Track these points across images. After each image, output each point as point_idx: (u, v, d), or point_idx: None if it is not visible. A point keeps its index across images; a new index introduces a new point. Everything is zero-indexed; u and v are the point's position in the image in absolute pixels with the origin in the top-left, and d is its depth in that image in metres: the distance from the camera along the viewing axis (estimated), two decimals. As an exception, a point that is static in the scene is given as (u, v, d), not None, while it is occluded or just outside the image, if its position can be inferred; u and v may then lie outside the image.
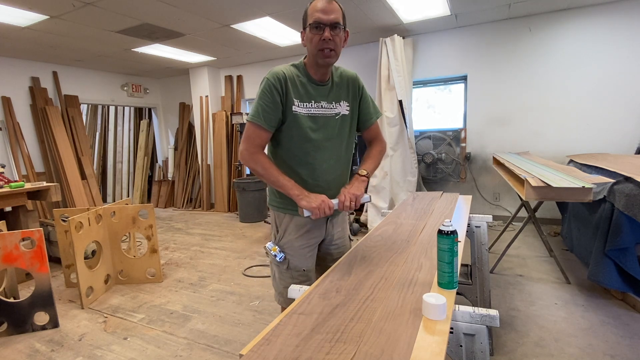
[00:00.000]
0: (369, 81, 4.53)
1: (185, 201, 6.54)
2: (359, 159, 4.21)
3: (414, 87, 4.63)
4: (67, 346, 2.17)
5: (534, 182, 2.14)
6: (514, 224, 4.10)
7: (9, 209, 3.30)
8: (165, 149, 6.96)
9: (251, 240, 4.30)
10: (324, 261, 1.53)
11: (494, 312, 0.90)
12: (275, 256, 1.41)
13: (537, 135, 4.14)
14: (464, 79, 4.49)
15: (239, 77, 6.04)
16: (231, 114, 5.94)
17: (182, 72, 6.34)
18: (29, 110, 4.95)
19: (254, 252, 3.81)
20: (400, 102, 4.14)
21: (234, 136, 5.99)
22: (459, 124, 4.64)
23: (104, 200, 6.96)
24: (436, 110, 4.94)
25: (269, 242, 1.46)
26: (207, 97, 6.07)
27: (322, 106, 1.34)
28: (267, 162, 1.29)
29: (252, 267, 3.37)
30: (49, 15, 3.35)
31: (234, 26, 3.93)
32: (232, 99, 6.16)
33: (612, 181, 2.30)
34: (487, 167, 4.41)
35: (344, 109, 1.39)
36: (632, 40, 3.63)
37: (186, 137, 6.57)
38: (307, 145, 1.33)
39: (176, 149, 6.73)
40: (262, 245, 4.07)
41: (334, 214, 1.43)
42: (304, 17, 1.28)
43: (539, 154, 4.06)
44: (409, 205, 2.11)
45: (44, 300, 2.34)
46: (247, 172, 5.75)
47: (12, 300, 2.40)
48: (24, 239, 2.29)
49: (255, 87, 5.82)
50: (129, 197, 7.06)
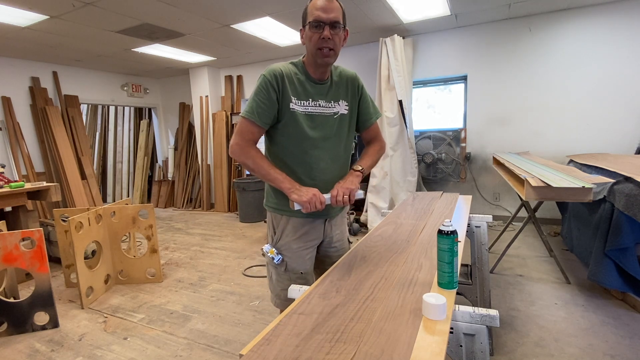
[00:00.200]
0: (369, 81, 4.53)
1: (185, 201, 6.54)
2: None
3: (414, 87, 4.63)
4: (67, 346, 2.17)
5: (534, 182, 2.14)
6: (514, 224, 4.10)
7: (9, 209, 3.30)
8: (165, 149, 6.96)
9: (251, 240, 4.30)
10: (322, 264, 1.51)
11: (494, 312, 0.90)
12: (272, 259, 1.39)
13: (537, 135, 4.14)
14: (464, 79, 4.48)
15: (239, 77, 6.04)
16: (231, 114, 5.94)
17: (182, 72, 6.34)
18: (29, 110, 4.95)
19: (254, 252, 3.81)
20: (400, 102, 4.14)
21: (234, 136, 5.99)
22: (459, 124, 4.64)
23: (104, 200, 6.96)
24: (436, 110, 4.94)
25: (266, 245, 1.44)
26: (207, 97, 6.07)
27: (320, 105, 1.33)
28: (258, 155, 1.27)
29: (252, 267, 3.37)
30: (49, 15, 3.35)
31: (234, 26, 3.93)
32: (232, 99, 6.16)
33: (612, 181, 2.30)
34: (487, 167, 4.41)
35: (342, 108, 1.38)
36: (632, 40, 3.63)
37: (186, 137, 6.57)
38: (304, 143, 1.31)
39: (176, 149, 6.73)
40: (262, 245, 4.06)
41: (330, 213, 1.42)
42: (304, 15, 1.27)
43: (539, 154, 4.06)
44: (409, 205, 2.11)
45: (44, 300, 2.34)
46: (247, 172, 5.75)
47: (12, 300, 2.40)
48: (24, 239, 2.29)
49: (255, 87, 5.82)
50: (129, 197, 7.06)
